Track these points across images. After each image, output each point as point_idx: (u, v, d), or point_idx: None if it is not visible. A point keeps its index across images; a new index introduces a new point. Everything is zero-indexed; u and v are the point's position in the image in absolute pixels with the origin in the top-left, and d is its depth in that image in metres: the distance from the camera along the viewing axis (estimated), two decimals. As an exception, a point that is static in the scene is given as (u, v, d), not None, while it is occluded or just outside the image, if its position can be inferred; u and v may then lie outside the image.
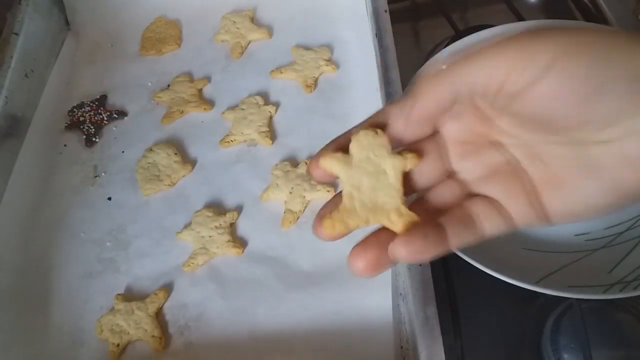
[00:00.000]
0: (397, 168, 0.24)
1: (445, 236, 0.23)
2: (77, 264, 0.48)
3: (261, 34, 0.61)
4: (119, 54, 0.62)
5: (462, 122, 0.24)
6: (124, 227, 0.49)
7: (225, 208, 0.49)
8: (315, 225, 0.24)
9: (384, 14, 0.53)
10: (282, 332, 0.42)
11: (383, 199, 0.24)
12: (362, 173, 0.24)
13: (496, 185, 0.24)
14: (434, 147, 0.25)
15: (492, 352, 0.46)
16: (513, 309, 0.47)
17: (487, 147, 0.25)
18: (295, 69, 0.57)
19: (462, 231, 0.23)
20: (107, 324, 0.43)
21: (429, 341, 0.35)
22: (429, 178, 0.25)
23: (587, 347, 0.42)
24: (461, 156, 0.25)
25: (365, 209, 0.24)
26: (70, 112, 0.57)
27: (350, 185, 0.24)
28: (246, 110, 0.55)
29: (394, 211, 0.23)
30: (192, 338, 0.43)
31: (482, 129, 0.24)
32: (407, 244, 0.22)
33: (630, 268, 0.43)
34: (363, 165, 0.24)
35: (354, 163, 0.24)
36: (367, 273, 0.23)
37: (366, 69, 0.54)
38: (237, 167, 0.52)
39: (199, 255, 0.46)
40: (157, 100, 0.58)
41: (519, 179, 0.24)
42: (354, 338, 0.41)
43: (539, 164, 0.23)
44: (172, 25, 0.64)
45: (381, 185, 0.24)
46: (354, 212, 0.23)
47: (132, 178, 0.52)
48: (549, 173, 0.23)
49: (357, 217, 0.23)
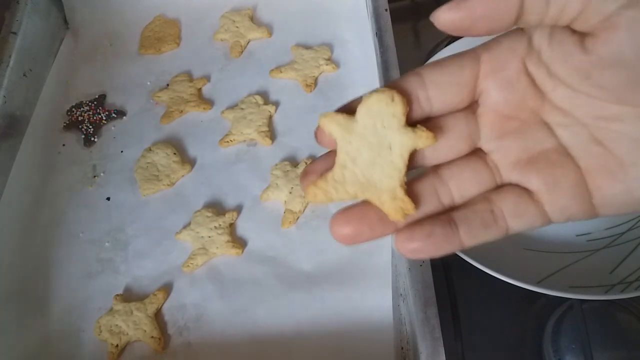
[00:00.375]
0: (405, 146, 0.21)
1: (454, 236, 0.21)
2: (75, 264, 0.47)
3: (261, 33, 0.61)
4: (118, 53, 0.62)
5: (511, 91, 0.21)
6: (123, 227, 0.49)
7: (225, 208, 0.49)
8: (301, 179, 0.22)
9: (384, 13, 0.53)
10: (282, 332, 0.42)
11: (379, 175, 0.21)
12: (363, 143, 0.21)
13: (535, 173, 0.21)
14: (461, 120, 0.22)
15: (493, 353, 0.46)
16: (514, 309, 0.47)
17: (534, 126, 0.22)
18: (295, 68, 0.57)
19: (480, 230, 0.21)
20: (106, 324, 0.43)
21: (429, 342, 0.35)
22: (444, 157, 0.22)
23: (588, 347, 0.42)
24: (500, 134, 0.22)
25: (356, 183, 0.21)
26: (69, 112, 0.57)
27: (346, 154, 0.21)
28: (246, 110, 0.54)
29: (388, 192, 0.21)
30: (192, 339, 0.43)
31: (533, 103, 0.22)
32: (407, 242, 0.21)
33: (632, 268, 0.43)
34: (367, 134, 0.21)
35: (356, 130, 0.21)
36: (346, 242, 0.21)
37: (366, 68, 0.54)
38: (236, 167, 0.52)
39: (198, 256, 0.46)
40: (156, 99, 0.57)
41: (565, 167, 0.21)
42: (354, 338, 0.41)
43: (593, 148, 0.21)
44: (171, 24, 0.63)
45: (381, 162, 0.21)
46: (341, 185, 0.21)
47: (131, 178, 0.52)
48: (605, 157, 0.21)
49: (344, 191, 0.21)
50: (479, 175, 0.22)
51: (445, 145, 0.22)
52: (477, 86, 0.22)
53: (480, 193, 0.22)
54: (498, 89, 0.21)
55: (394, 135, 0.21)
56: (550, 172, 0.21)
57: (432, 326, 0.35)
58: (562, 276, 0.43)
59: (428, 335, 0.35)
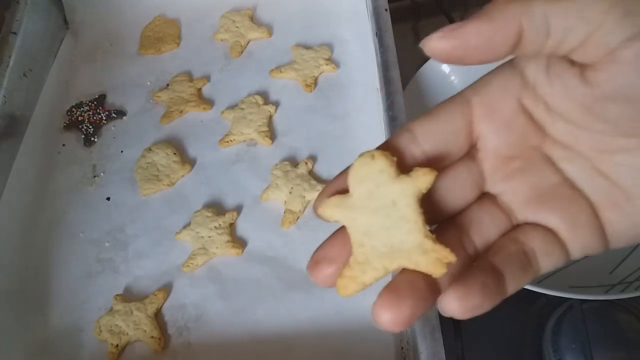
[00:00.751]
0: (408, 193, 0.19)
1: (504, 283, 0.19)
2: (75, 264, 0.47)
3: (261, 33, 0.61)
4: (118, 53, 0.62)
5: (509, 132, 0.20)
6: (123, 227, 0.49)
7: (225, 208, 0.49)
8: (310, 268, 0.20)
9: (384, 12, 0.53)
10: (282, 332, 0.42)
11: (400, 237, 0.19)
12: (369, 212, 0.19)
13: (552, 211, 0.20)
14: (462, 169, 0.21)
15: (493, 353, 0.46)
16: (514, 309, 0.47)
17: (538, 162, 0.21)
18: (295, 68, 0.57)
19: (520, 274, 0.19)
20: (106, 324, 0.43)
21: (429, 342, 0.35)
22: (462, 197, 0.21)
23: (588, 347, 0.42)
24: (504, 175, 0.21)
25: (380, 256, 0.19)
26: (69, 112, 0.57)
27: (358, 231, 0.19)
28: (246, 110, 0.54)
29: (417, 249, 0.19)
30: (191, 339, 0.43)
31: (534, 140, 0.21)
32: (464, 299, 0.18)
33: (632, 268, 0.43)
34: (367, 202, 0.19)
35: (355, 203, 0.19)
36: (398, 327, 0.18)
37: (366, 68, 0.54)
38: (236, 166, 0.52)
39: (198, 256, 0.46)
40: (156, 99, 0.57)
41: (576, 201, 0.20)
42: (354, 338, 0.41)
43: (598, 180, 0.20)
44: (171, 24, 0.63)
45: (394, 221, 0.19)
46: (368, 264, 0.19)
47: (131, 178, 0.52)
48: (611, 190, 0.20)
49: (372, 269, 0.19)
50: (497, 219, 0.21)
51: (452, 196, 0.21)
52: (472, 131, 0.21)
53: (503, 236, 0.21)
54: (495, 132, 0.21)
55: (394, 189, 0.19)
56: (566, 208, 0.20)
57: (432, 326, 0.35)
58: (562, 276, 0.43)
59: (428, 335, 0.35)
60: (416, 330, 0.36)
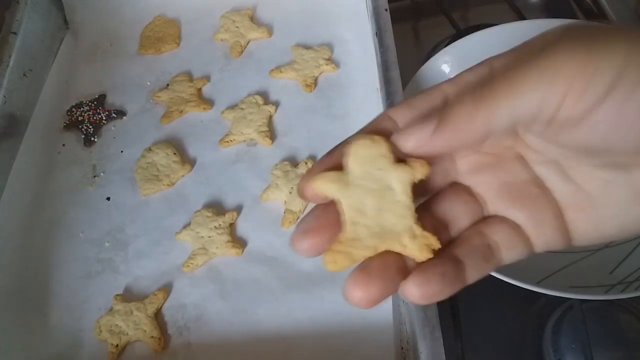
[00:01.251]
0: (405, 181, 0.20)
1: (463, 273, 0.20)
2: (75, 264, 0.47)
3: (261, 33, 0.61)
4: (118, 53, 0.62)
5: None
6: (123, 227, 0.49)
7: (225, 208, 0.49)
8: (294, 240, 0.20)
9: (384, 12, 0.53)
10: (282, 332, 0.42)
11: (392, 220, 0.20)
12: (364, 192, 0.20)
13: (519, 208, 0.21)
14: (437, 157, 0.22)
15: (493, 353, 0.46)
16: (514, 309, 0.47)
17: (510, 160, 0.22)
18: (295, 68, 0.57)
19: (481, 264, 0.21)
20: (106, 324, 0.43)
21: (429, 342, 0.35)
22: (432, 185, 0.22)
23: (588, 347, 0.42)
24: (476, 169, 0.22)
25: (372, 235, 0.20)
26: (69, 112, 0.57)
27: (352, 208, 0.20)
28: (246, 110, 0.54)
29: (407, 233, 0.20)
30: (192, 339, 0.43)
31: (507, 142, 0.21)
32: (423, 285, 0.19)
33: (632, 268, 0.43)
34: (364, 182, 0.20)
35: (352, 181, 0.20)
36: (366, 305, 0.19)
37: (366, 68, 0.54)
38: (236, 166, 0.52)
39: (198, 256, 0.46)
40: (156, 99, 0.57)
41: (544, 199, 0.21)
42: (354, 338, 0.41)
43: (567, 184, 0.21)
44: (171, 24, 0.63)
45: (388, 204, 0.20)
46: (358, 241, 0.20)
47: (131, 178, 0.52)
48: (579, 194, 0.21)
49: (363, 246, 0.20)
50: (470, 208, 0.22)
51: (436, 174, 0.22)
52: None
53: (471, 227, 0.22)
54: None
55: (391, 174, 0.20)
56: (533, 206, 0.21)
57: (432, 326, 0.35)
58: (562, 276, 0.43)
59: (428, 335, 0.35)
60: (416, 330, 0.36)
